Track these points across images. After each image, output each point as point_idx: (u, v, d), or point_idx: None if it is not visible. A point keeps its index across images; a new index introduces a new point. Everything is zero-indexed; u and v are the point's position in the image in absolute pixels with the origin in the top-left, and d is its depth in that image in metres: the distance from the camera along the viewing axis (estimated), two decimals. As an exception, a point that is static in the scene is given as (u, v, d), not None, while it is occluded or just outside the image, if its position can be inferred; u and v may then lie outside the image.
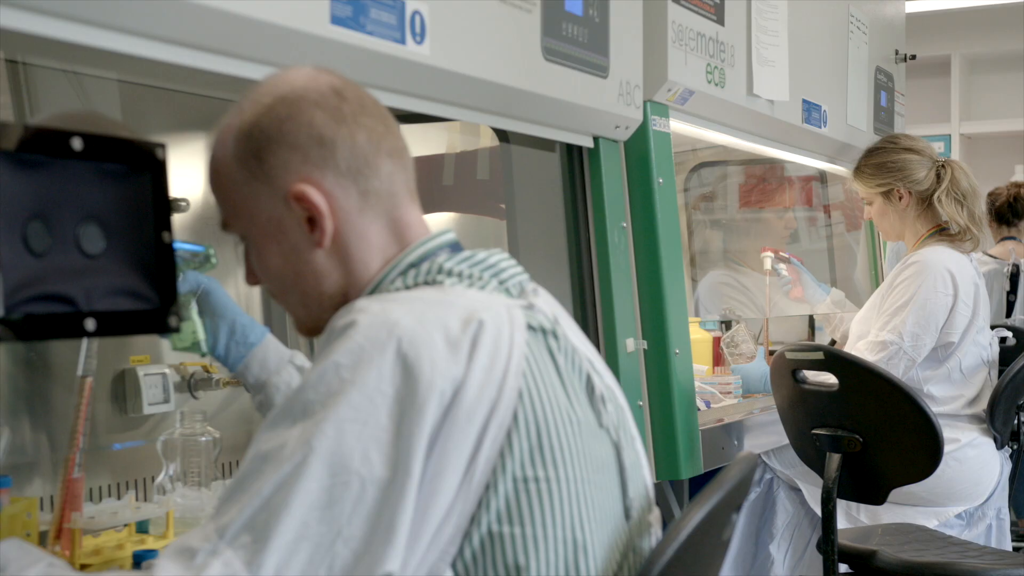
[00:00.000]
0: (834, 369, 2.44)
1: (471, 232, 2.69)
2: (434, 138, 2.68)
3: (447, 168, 2.64)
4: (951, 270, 3.09)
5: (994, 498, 3.14)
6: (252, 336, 1.72)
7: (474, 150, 2.61)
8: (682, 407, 2.45)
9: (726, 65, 2.71)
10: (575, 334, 1.40)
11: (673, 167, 2.55)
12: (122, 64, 1.62)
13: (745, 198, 4.37)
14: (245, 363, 1.72)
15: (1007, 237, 5.29)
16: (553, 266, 2.35)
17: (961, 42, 6.21)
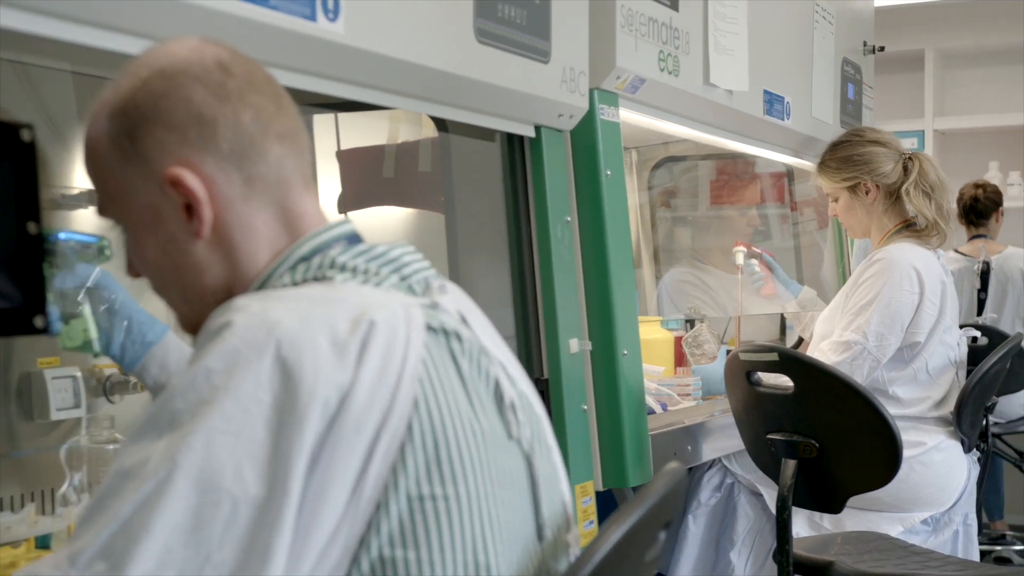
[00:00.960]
0: (789, 371, 2.32)
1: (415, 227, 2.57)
2: (374, 128, 2.55)
3: (388, 160, 2.51)
4: (917, 267, 2.99)
5: (961, 503, 3.05)
6: (150, 334, 1.60)
7: (416, 141, 2.48)
8: (630, 411, 2.33)
9: (680, 53, 2.59)
10: (488, 335, 1.27)
11: (622, 158, 2.43)
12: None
13: (716, 194, 4.28)
14: (143, 363, 1.59)
15: (977, 235, 5.23)
16: (493, 262, 2.23)
17: (935, 36, 6.12)
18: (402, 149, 2.50)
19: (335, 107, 2.34)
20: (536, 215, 2.19)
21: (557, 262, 2.20)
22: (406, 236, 2.45)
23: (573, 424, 2.21)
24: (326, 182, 2.53)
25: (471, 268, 2.28)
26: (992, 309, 5.09)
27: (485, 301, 2.33)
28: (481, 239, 2.27)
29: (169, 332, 1.60)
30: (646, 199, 4.18)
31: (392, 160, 2.50)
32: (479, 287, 2.26)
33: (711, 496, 3.17)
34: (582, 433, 2.23)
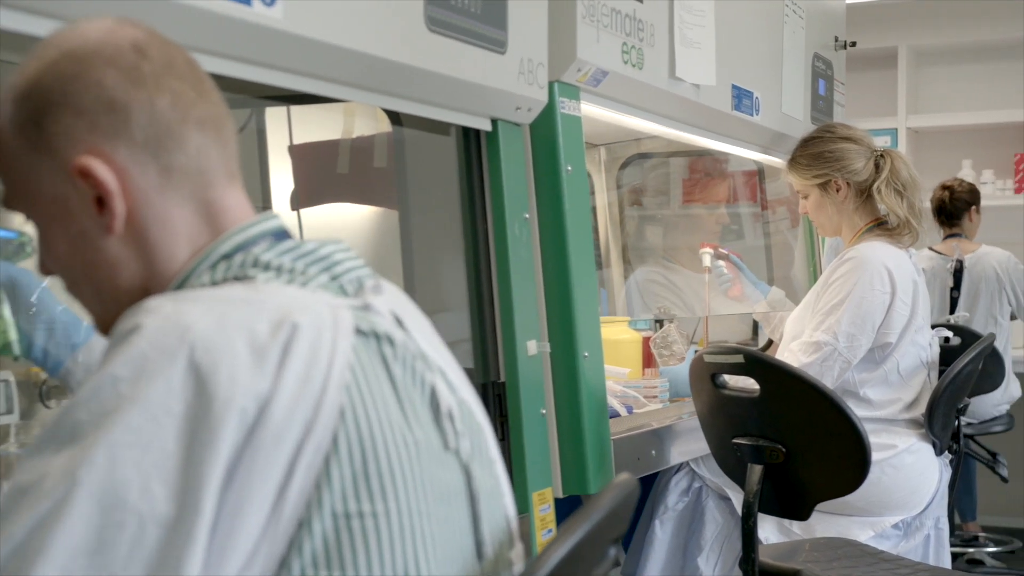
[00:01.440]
0: (755, 374, 2.25)
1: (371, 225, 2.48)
2: (327, 122, 2.46)
3: (342, 155, 2.43)
4: (888, 266, 2.93)
5: (932, 507, 2.99)
6: (76, 336, 1.51)
7: (371, 135, 2.40)
8: (591, 415, 2.26)
9: (645, 45, 2.51)
10: (426, 339, 1.19)
11: (584, 154, 2.35)
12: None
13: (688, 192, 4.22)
14: (67, 367, 1.50)
15: (952, 234, 5.20)
16: (449, 261, 2.14)
17: (908, 33, 6.09)
18: (357, 144, 2.42)
19: (287, 100, 2.26)
20: (493, 212, 2.11)
21: (515, 261, 2.12)
22: (361, 234, 2.37)
23: (531, 429, 2.13)
24: (279, 178, 2.45)
25: (426, 267, 2.20)
26: (965, 308, 5.06)
27: (440, 301, 2.26)
28: (436, 237, 2.19)
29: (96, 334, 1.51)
30: (615, 197, 4.11)
31: (347, 155, 2.41)
32: (434, 287, 2.18)
33: (678, 500, 3.11)
34: (540, 438, 2.15)
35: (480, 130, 2.12)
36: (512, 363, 2.10)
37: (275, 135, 2.43)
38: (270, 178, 2.42)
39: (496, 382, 2.11)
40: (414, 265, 2.17)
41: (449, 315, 2.15)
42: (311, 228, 2.35)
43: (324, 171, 2.44)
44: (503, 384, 2.11)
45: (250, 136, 2.37)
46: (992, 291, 5.06)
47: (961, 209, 5.18)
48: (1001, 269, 5.07)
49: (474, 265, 2.11)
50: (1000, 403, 5.07)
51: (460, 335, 2.11)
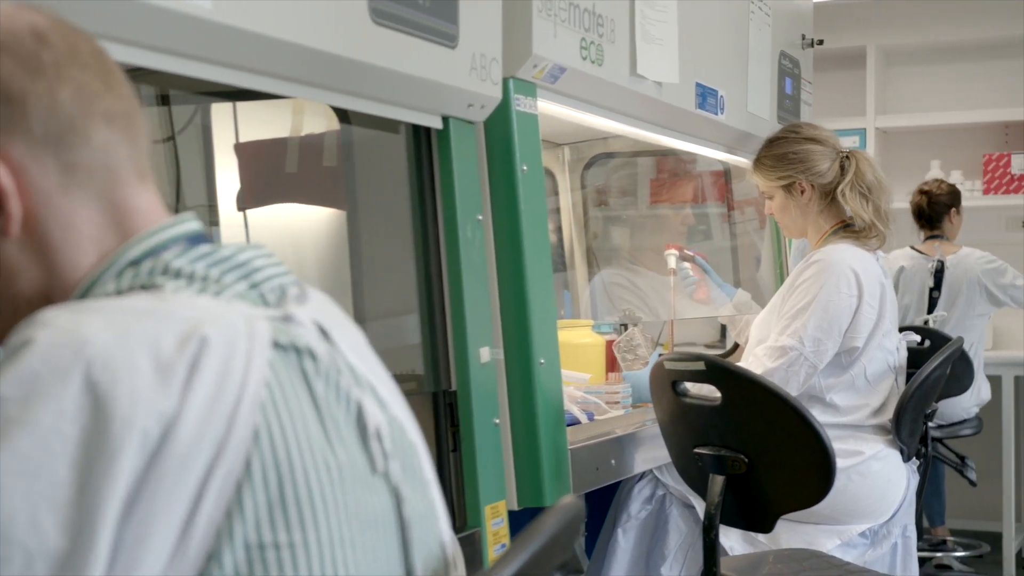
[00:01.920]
0: (716, 381, 2.17)
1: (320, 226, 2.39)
2: (276, 119, 2.37)
3: (290, 153, 2.33)
4: (855, 269, 2.87)
5: (900, 514, 2.93)
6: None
7: (321, 133, 2.30)
8: (548, 424, 2.17)
9: (604, 41, 2.43)
10: (356, 352, 1.10)
11: (540, 153, 2.27)
12: None
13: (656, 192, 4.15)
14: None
15: (931, 236, 5.16)
16: (399, 264, 2.06)
17: (877, 33, 6.05)
18: (306, 142, 2.33)
19: (234, 96, 2.17)
20: (444, 213, 2.02)
21: (467, 264, 2.03)
22: (310, 236, 2.28)
23: (483, 439, 2.04)
24: (225, 177, 2.35)
25: (375, 271, 2.11)
26: (943, 308, 5.02)
27: (390, 306, 2.17)
28: (386, 240, 2.10)
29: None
30: (579, 198, 4.04)
31: (295, 154, 2.32)
32: (383, 291, 2.09)
33: (641, 508, 3.04)
34: (493, 449, 2.06)
35: (431, 128, 2.04)
36: (464, 371, 2.01)
37: (221, 133, 2.34)
38: (215, 178, 2.33)
39: (447, 391, 2.02)
40: (362, 269, 2.08)
41: (398, 320, 2.07)
42: (258, 229, 2.26)
43: (272, 170, 2.35)
44: (454, 393, 2.02)
45: (195, 134, 2.28)
46: (972, 293, 5.03)
47: (941, 212, 5.16)
48: (981, 271, 5.04)
49: (424, 269, 2.02)
50: (970, 406, 5.03)
51: (410, 341, 2.03)
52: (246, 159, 2.33)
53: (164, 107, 2.20)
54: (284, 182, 2.34)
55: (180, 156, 2.18)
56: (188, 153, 2.27)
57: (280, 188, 2.35)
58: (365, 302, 2.05)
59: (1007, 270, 5.04)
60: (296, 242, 2.25)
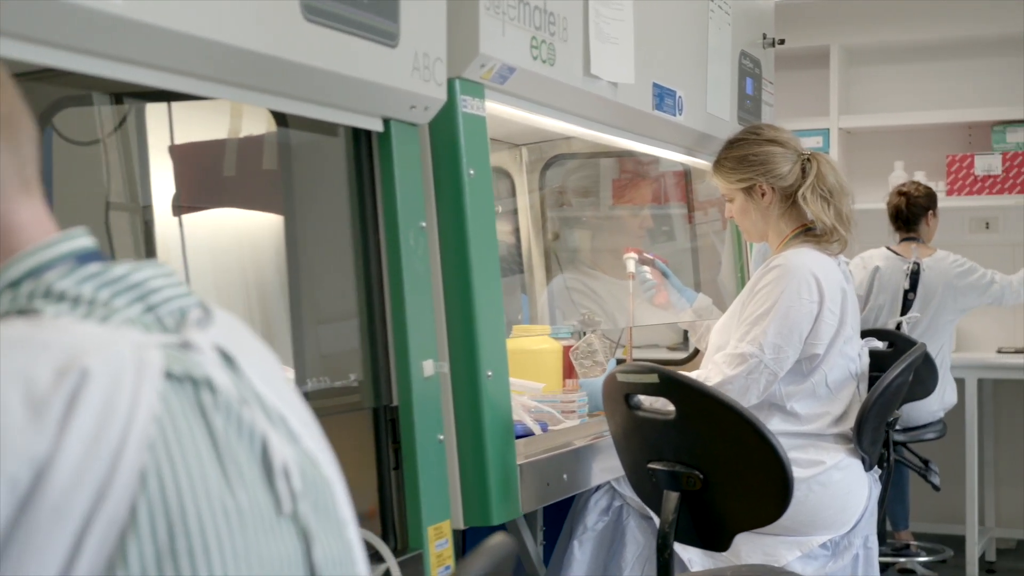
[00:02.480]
0: (670, 395, 2.09)
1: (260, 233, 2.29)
2: (214, 120, 2.26)
3: (228, 156, 2.23)
4: (816, 275, 2.80)
5: (862, 525, 2.88)
6: None
7: (260, 135, 2.20)
8: (496, 439, 2.08)
9: (557, 40, 2.34)
10: (266, 380, 1.01)
11: (488, 156, 2.18)
12: None
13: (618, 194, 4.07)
14: None
15: (908, 238, 5.11)
16: (338, 274, 1.96)
17: (840, 32, 5.99)
18: (244, 144, 2.22)
19: (169, 96, 2.06)
20: (385, 220, 1.93)
21: (409, 273, 1.94)
22: (248, 243, 2.18)
23: (427, 457, 1.95)
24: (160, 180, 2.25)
25: (313, 281, 2.01)
26: (917, 309, 4.98)
27: (329, 318, 2.07)
28: (325, 248, 2.00)
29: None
30: (537, 199, 3.96)
31: (233, 157, 2.22)
32: (321, 302, 1.99)
33: (598, 520, 2.97)
34: (437, 467, 1.97)
35: (371, 131, 1.94)
36: (406, 385, 1.92)
37: (156, 134, 2.23)
38: (151, 182, 2.22)
39: (388, 406, 1.93)
40: (300, 278, 1.98)
41: (338, 332, 1.97)
42: (194, 235, 2.16)
43: (209, 173, 2.24)
44: (396, 408, 1.93)
45: (128, 136, 2.17)
46: (945, 297, 4.99)
47: (918, 214, 5.11)
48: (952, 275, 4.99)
49: (364, 278, 1.92)
50: (935, 410, 4.99)
51: (349, 354, 1.93)
52: (182, 162, 2.23)
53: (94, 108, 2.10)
54: (221, 186, 2.24)
55: (110, 159, 2.07)
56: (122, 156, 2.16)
57: (217, 192, 2.25)
58: (303, 313, 1.96)
59: (977, 268, 5.00)
60: (232, 249, 2.15)
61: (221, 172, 2.22)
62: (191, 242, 2.17)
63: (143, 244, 2.13)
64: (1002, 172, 5.70)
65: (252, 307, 2.14)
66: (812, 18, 5.94)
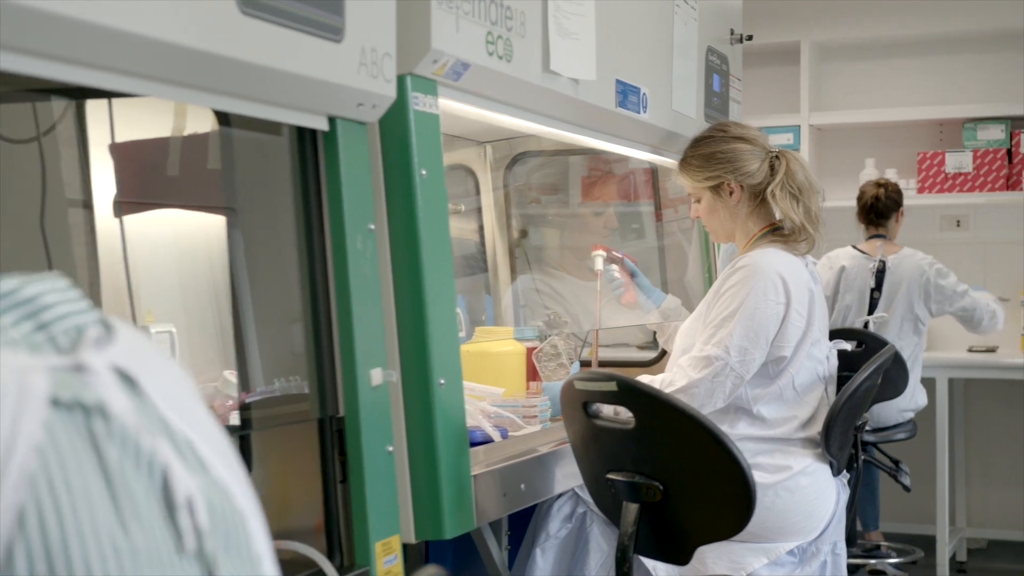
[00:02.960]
0: (629, 403, 2.02)
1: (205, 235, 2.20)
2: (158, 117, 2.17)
3: (172, 155, 2.14)
4: (783, 275, 2.74)
5: (830, 531, 2.82)
6: None
7: (205, 133, 2.12)
8: (448, 449, 2.01)
9: (514, 35, 2.26)
10: (176, 404, 0.92)
11: (441, 155, 2.10)
12: None
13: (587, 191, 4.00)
14: None
15: (875, 235, 5.07)
16: (282, 279, 1.88)
17: (811, 28, 5.94)
18: (188, 143, 2.14)
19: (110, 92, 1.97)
20: (331, 223, 1.85)
21: (356, 278, 1.85)
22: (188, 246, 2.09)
23: (375, 469, 1.87)
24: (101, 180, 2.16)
25: (256, 286, 1.93)
26: (884, 309, 4.94)
27: (273, 325, 1.99)
28: (268, 251, 1.92)
29: None
30: (502, 198, 3.89)
31: (176, 155, 2.13)
32: (265, 309, 1.91)
33: (561, 527, 2.90)
34: (386, 479, 1.89)
35: (316, 130, 1.86)
36: (352, 395, 1.84)
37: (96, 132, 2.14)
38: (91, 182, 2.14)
39: (334, 417, 1.85)
40: (242, 283, 1.90)
41: (282, 340, 1.89)
42: (134, 237, 2.07)
43: (151, 173, 2.16)
44: (342, 419, 1.85)
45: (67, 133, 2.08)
46: (912, 295, 4.94)
47: (891, 209, 5.08)
48: (923, 273, 4.95)
49: (310, 283, 1.84)
50: (906, 409, 4.95)
51: (294, 364, 1.85)
52: (123, 161, 2.14)
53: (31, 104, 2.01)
54: (165, 186, 2.15)
55: (46, 158, 1.98)
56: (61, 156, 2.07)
57: (161, 192, 2.16)
58: (245, 320, 1.87)
59: (952, 275, 4.97)
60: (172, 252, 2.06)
61: (162, 171, 2.13)
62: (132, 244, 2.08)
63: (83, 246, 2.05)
64: (973, 170, 5.66)
65: (191, 313, 2.06)
66: (782, 13, 5.89)
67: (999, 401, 5.89)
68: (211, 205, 2.03)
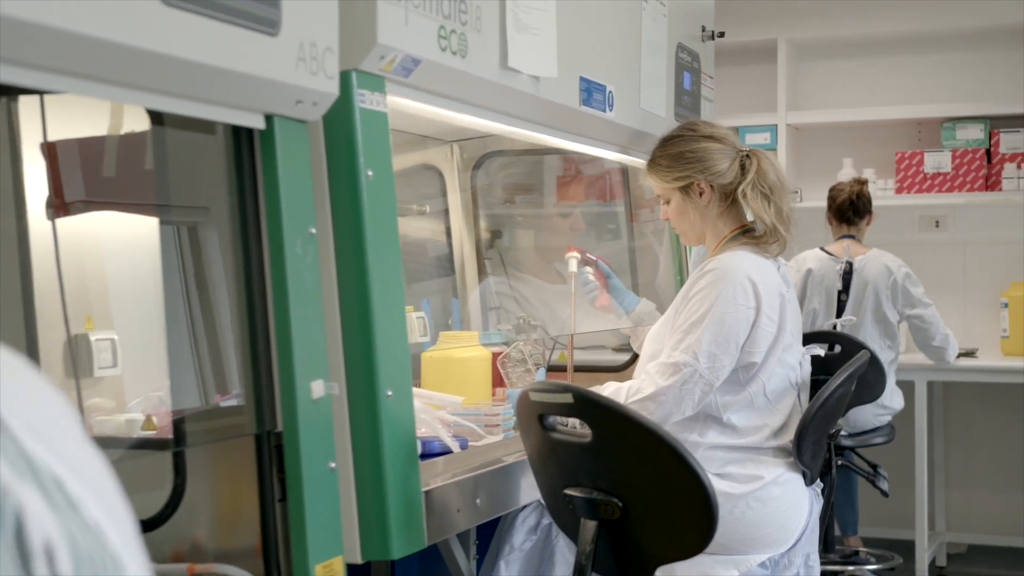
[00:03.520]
0: (586, 416, 1.92)
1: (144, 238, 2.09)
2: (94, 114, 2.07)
3: (108, 155, 2.04)
4: (753, 279, 2.65)
5: (802, 542, 2.73)
6: None
7: (144, 132, 2.01)
8: (396, 464, 1.91)
9: (469, 29, 2.17)
10: (42, 435, 0.82)
11: (390, 155, 2.00)
12: None
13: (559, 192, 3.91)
14: None
15: (846, 235, 4.99)
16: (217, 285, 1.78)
17: (788, 26, 5.86)
18: (126, 142, 2.03)
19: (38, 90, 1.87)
20: (268, 226, 1.75)
21: (295, 285, 1.75)
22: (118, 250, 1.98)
23: (315, 487, 1.77)
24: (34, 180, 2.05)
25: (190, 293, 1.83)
26: (852, 312, 4.86)
27: (207, 335, 1.89)
28: (204, 257, 1.82)
29: None
30: (470, 198, 3.79)
31: (113, 156, 2.03)
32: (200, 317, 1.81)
33: (525, 539, 2.82)
34: (328, 498, 1.79)
35: (253, 128, 1.75)
36: (291, 408, 1.74)
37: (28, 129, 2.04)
38: (24, 182, 2.03)
39: (272, 432, 1.75)
40: (175, 290, 1.80)
41: (217, 352, 1.79)
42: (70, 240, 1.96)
43: (87, 173, 2.05)
44: (280, 434, 1.75)
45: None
46: (880, 295, 4.87)
47: (864, 209, 5.00)
48: (890, 274, 4.88)
49: (246, 290, 1.74)
50: (882, 413, 4.87)
51: (229, 376, 1.75)
52: (56, 161, 2.03)
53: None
54: (101, 186, 2.04)
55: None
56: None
57: (96, 193, 2.05)
58: (179, 330, 1.77)
59: (920, 284, 4.91)
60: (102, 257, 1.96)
61: (93, 172, 2.02)
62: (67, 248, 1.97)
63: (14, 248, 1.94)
64: (952, 170, 5.59)
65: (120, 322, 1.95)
66: (759, 11, 5.81)
67: (979, 404, 5.82)
68: (146, 207, 1.93)
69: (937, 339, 4.94)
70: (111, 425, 1.97)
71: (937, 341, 4.94)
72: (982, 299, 5.74)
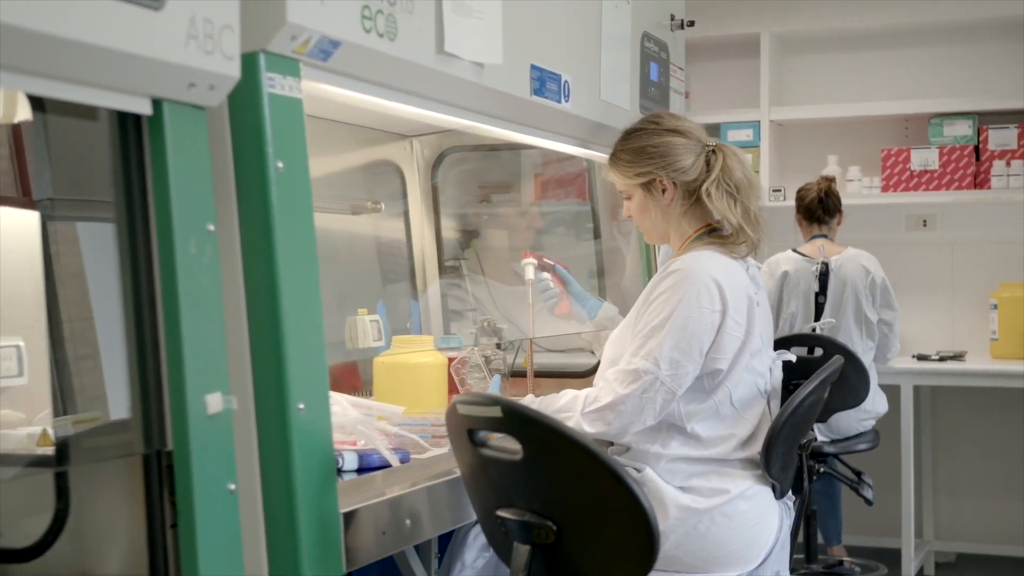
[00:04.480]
0: (516, 432, 1.75)
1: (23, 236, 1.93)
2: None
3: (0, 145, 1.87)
4: (718, 280, 2.49)
5: (772, 559, 2.59)
6: None
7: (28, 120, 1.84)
8: (309, 485, 1.73)
9: (398, 10, 2.00)
10: None
11: (305, 145, 1.83)
12: None
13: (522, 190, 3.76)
14: None
15: (818, 235, 4.85)
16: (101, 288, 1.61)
17: (771, 20, 5.72)
18: (20, 131, 1.87)
19: None
20: (157, 223, 1.57)
21: (188, 288, 1.58)
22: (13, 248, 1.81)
23: (211, 512, 1.59)
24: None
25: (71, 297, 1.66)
26: (831, 314, 4.72)
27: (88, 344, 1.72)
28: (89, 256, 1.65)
29: None
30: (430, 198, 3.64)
31: (6, 146, 1.86)
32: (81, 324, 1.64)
33: (478, 556, 2.68)
34: (226, 523, 1.62)
35: (140, 115, 1.58)
36: (182, 425, 1.56)
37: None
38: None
39: (162, 451, 1.58)
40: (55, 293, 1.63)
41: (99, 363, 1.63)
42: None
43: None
44: (171, 453, 1.58)
45: None
46: (859, 295, 4.73)
47: (835, 208, 4.88)
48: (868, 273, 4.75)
49: (133, 295, 1.57)
50: (865, 418, 4.72)
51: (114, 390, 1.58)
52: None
53: None
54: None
55: None
56: None
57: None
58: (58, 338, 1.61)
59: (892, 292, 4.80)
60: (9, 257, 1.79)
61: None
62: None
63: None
64: (939, 167, 5.44)
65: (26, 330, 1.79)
66: (741, 4, 5.68)
67: (967, 408, 5.68)
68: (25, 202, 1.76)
69: (892, 351, 4.85)
70: (12, 440, 1.81)
71: (892, 353, 4.86)
72: (970, 300, 5.62)
